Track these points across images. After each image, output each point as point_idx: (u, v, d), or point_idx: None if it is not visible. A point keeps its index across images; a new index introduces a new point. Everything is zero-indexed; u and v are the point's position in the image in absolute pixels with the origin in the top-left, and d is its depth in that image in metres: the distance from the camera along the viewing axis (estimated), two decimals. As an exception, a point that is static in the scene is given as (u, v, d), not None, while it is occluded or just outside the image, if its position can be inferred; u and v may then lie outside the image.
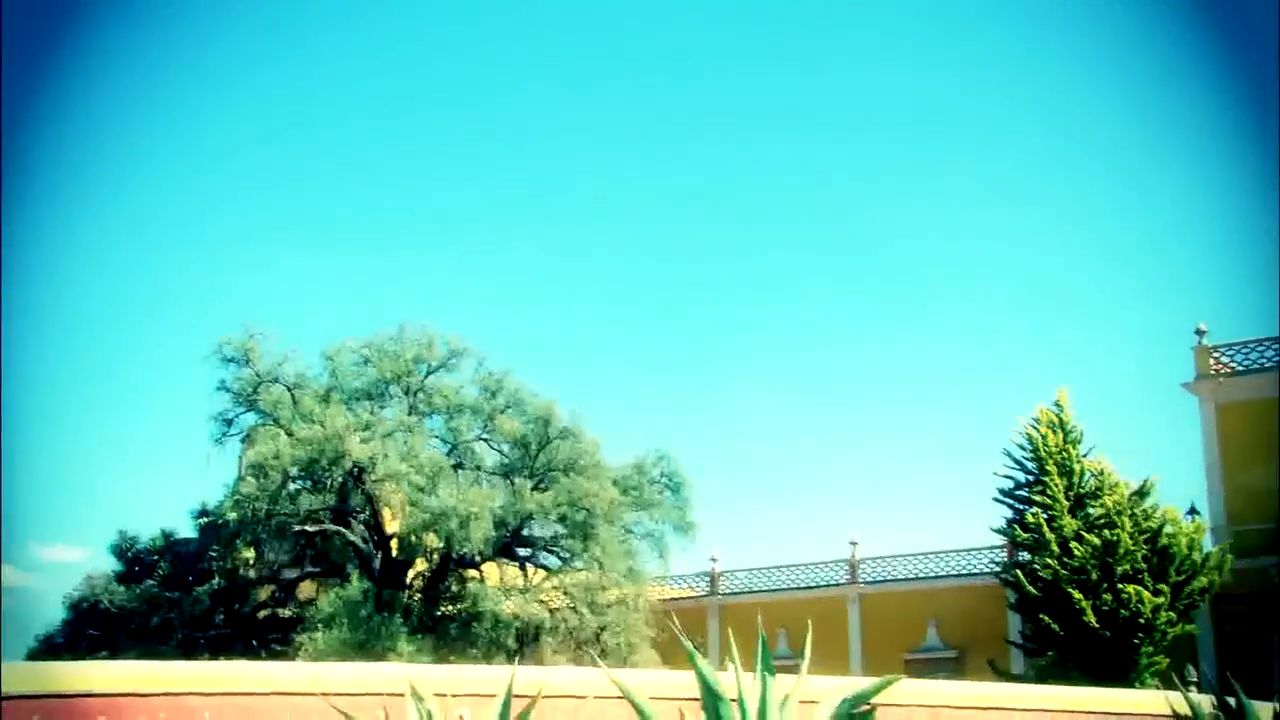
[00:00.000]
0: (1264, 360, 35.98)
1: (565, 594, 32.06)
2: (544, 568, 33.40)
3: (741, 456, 79.51)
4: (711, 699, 8.43)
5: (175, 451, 78.20)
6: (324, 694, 8.31)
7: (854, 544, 43.30)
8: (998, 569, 36.39)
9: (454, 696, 8.37)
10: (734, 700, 8.36)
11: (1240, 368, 36.28)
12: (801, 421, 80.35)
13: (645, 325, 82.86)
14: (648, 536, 34.85)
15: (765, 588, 44.42)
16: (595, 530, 31.63)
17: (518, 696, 7.98)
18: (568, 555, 33.03)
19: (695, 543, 35.96)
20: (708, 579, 45.53)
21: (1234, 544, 34.31)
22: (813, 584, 43.53)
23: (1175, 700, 11.12)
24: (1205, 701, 10.56)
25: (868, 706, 8.41)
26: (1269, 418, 34.64)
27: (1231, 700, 10.08)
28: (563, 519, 31.66)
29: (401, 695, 7.78)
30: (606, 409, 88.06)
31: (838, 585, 42.82)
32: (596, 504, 31.38)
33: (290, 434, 30.01)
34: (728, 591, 44.97)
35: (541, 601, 31.43)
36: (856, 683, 9.02)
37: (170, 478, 75.90)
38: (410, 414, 32.21)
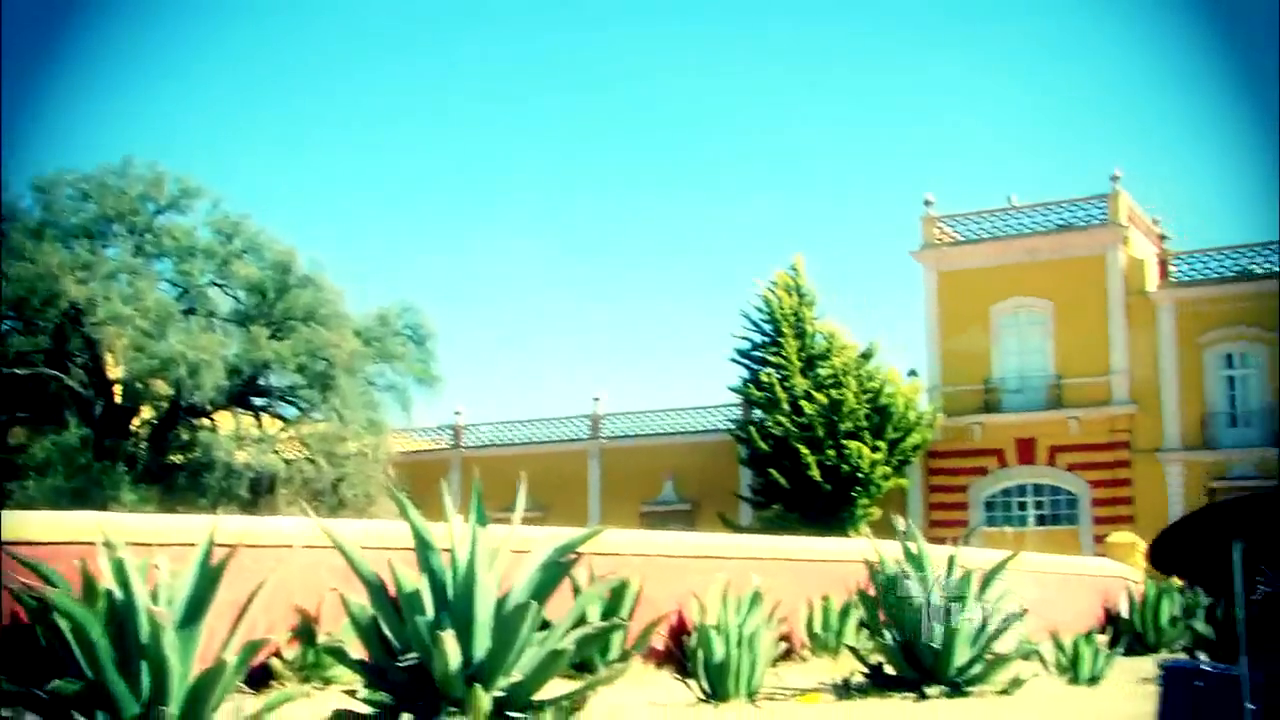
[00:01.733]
0: (982, 231, 38.13)
1: (303, 445, 31.37)
2: (281, 418, 32.51)
3: (489, 310, 79.28)
4: (423, 549, 8.40)
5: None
6: (15, 542, 7.82)
7: (596, 400, 44.07)
8: (732, 426, 37.84)
9: (158, 546, 8.05)
10: (446, 550, 8.38)
11: (961, 238, 38.35)
12: (549, 277, 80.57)
13: (391, 174, 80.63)
14: (390, 389, 34.38)
15: (508, 441, 44.76)
16: (335, 381, 30.93)
17: (220, 546, 7.73)
18: (306, 406, 32.22)
19: (439, 395, 35.77)
20: (451, 432, 45.50)
21: (945, 404, 36.77)
22: (555, 439, 44.15)
23: (864, 548, 11.89)
24: (895, 548, 11.34)
25: (574, 555, 8.60)
26: (983, 286, 36.93)
27: (912, 546, 10.85)
28: (301, 369, 30.78)
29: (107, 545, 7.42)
30: (350, 258, 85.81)
31: (579, 440, 43.58)
32: (337, 354, 30.63)
33: (-2, 270, 27.75)
34: (471, 445, 45.11)
35: (277, 452, 30.66)
36: (565, 533, 9.18)
37: None
38: (136, 255, 30.28)
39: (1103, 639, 14.57)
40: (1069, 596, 16.26)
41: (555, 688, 8.49)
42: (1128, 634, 16.12)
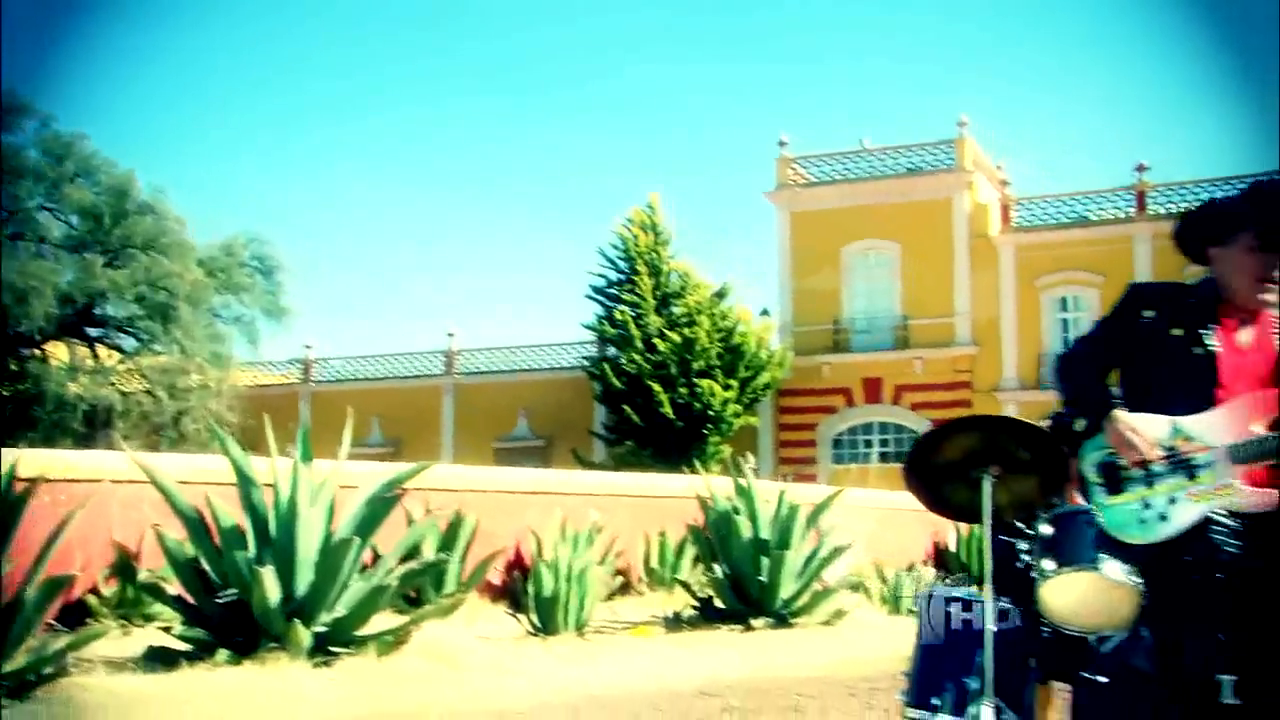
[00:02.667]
0: (834, 173, 38.73)
1: (142, 377, 30.40)
2: (119, 349, 31.41)
3: (343, 243, 77.65)
4: (245, 485, 8.23)
5: None
6: None
7: (451, 335, 43.67)
8: (587, 363, 37.94)
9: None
10: (269, 486, 8.24)
11: (814, 180, 38.90)
12: (405, 211, 79.22)
13: (240, 101, 77.97)
14: (236, 321, 33.52)
15: (360, 376, 44.11)
16: (177, 312, 30.00)
17: (21, 480, 7.45)
18: (147, 338, 31.21)
19: (289, 329, 35.02)
20: (302, 366, 44.60)
21: (796, 343, 37.47)
22: (409, 374, 43.67)
23: (697, 484, 12.09)
24: (727, 484, 11.55)
25: (401, 491, 8.54)
26: (833, 227, 37.58)
27: (743, 482, 11.07)
28: (140, 299, 29.75)
29: None
30: (194, 186, 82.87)
31: (433, 376, 43.19)
32: (178, 285, 29.69)
33: None
34: (321, 379, 44.32)
35: (113, 384, 29.66)
36: (392, 468, 9.10)
37: None
38: (-44, 175, 28.77)
39: (929, 572, 15.17)
40: (900, 532, 16.79)
41: (384, 622, 8.47)
42: (955, 567, 16.78)
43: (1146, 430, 2.92)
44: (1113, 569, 3.19)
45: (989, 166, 38.87)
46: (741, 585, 10.71)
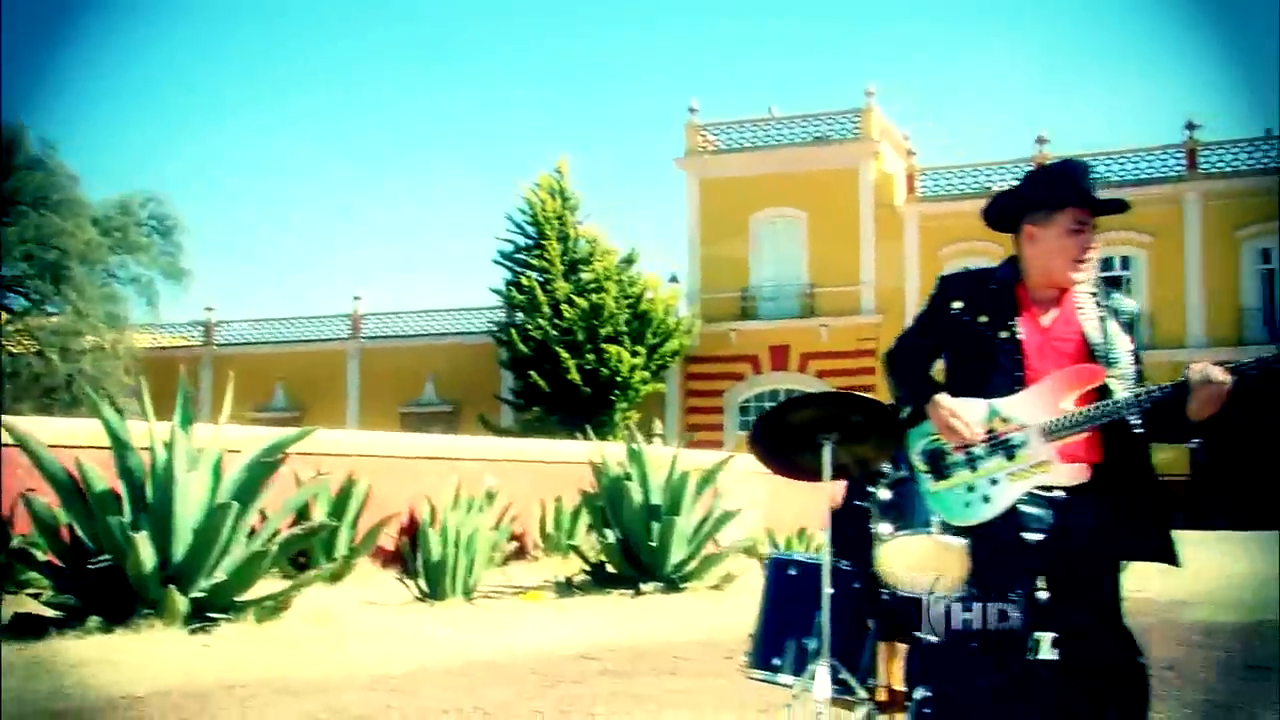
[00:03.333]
0: (743, 141, 38.84)
1: (32, 338, 29.59)
2: (7, 309, 30.52)
3: (247, 205, 76.14)
4: (120, 449, 8.07)
5: None
6: None
7: (357, 299, 43.12)
8: (494, 328, 37.71)
9: None
10: (145, 450, 8.08)
11: (724, 146, 38.98)
12: (311, 172, 77.90)
13: (138, 52, 75.71)
14: (133, 282, 32.75)
15: (264, 340, 43.38)
16: (69, 272, 29.25)
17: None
18: (37, 297, 30.39)
19: (188, 291, 34.32)
20: (203, 329, 43.72)
21: (704, 310, 37.65)
22: (313, 338, 43.04)
23: (590, 450, 12.13)
24: (622, 451, 11.61)
25: (283, 456, 8.44)
26: (742, 195, 37.74)
27: (635, 447, 11.13)
28: (29, 257, 28.90)
29: None
30: (88, 142, 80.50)
31: (339, 340, 42.62)
32: (71, 243, 28.92)
33: None
34: (224, 342, 43.51)
35: (2, 345, 28.83)
36: (274, 433, 8.99)
37: None
38: None
39: (823, 535, 15.38)
40: (799, 498, 17.02)
41: (272, 588, 8.39)
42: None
43: (966, 414, 3.00)
44: (943, 532, 3.28)
45: (896, 136, 39.27)
46: (632, 550, 10.79)
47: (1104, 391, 3.01)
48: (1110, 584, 3.07)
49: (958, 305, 3.15)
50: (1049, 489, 2.99)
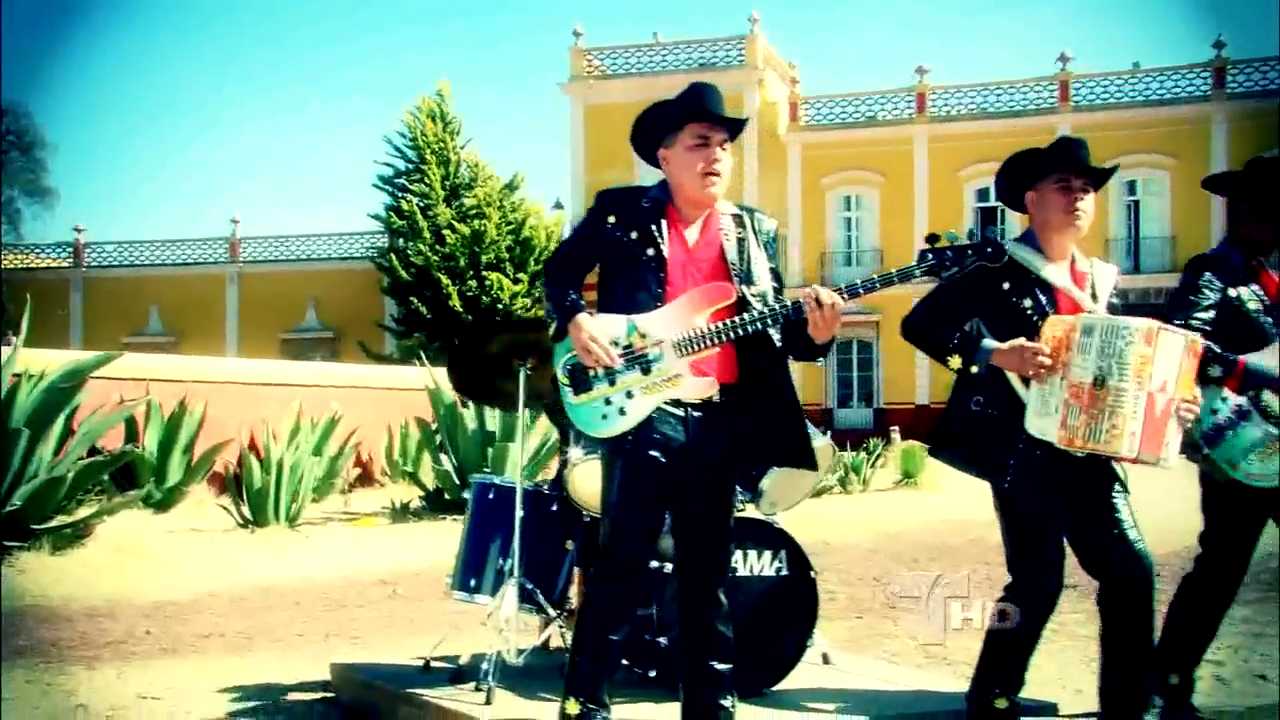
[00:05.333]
0: (628, 67, 38.46)
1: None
2: None
3: (118, 122, 73.61)
4: (-93, 372, 7.80)
5: None
6: None
7: (235, 222, 42.10)
8: (375, 254, 37.14)
9: None
10: (-66, 375, 7.81)
11: (609, 72, 38.56)
12: (189, 92, 75.49)
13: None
14: (-8, 201, 31.52)
15: (137, 262, 42.13)
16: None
17: None
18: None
19: (55, 211, 33.15)
20: (71, 250, 42.28)
21: (587, 238, 37.41)
22: (190, 261, 41.95)
23: (426, 376, 12.05)
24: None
25: (82, 380, 8.23)
26: (627, 122, 37.19)
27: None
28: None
29: None
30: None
31: (216, 263, 41.60)
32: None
33: None
34: (95, 265, 42.16)
35: None
36: (76, 356, 8.76)
37: None
38: None
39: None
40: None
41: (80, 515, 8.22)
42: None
43: (607, 330, 3.03)
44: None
45: (781, 64, 39.23)
46: (467, 477, 10.76)
47: (742, 308, 3.06)
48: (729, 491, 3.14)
49: (612, 220, 3.18)
50: (679, 403, 3.03)
